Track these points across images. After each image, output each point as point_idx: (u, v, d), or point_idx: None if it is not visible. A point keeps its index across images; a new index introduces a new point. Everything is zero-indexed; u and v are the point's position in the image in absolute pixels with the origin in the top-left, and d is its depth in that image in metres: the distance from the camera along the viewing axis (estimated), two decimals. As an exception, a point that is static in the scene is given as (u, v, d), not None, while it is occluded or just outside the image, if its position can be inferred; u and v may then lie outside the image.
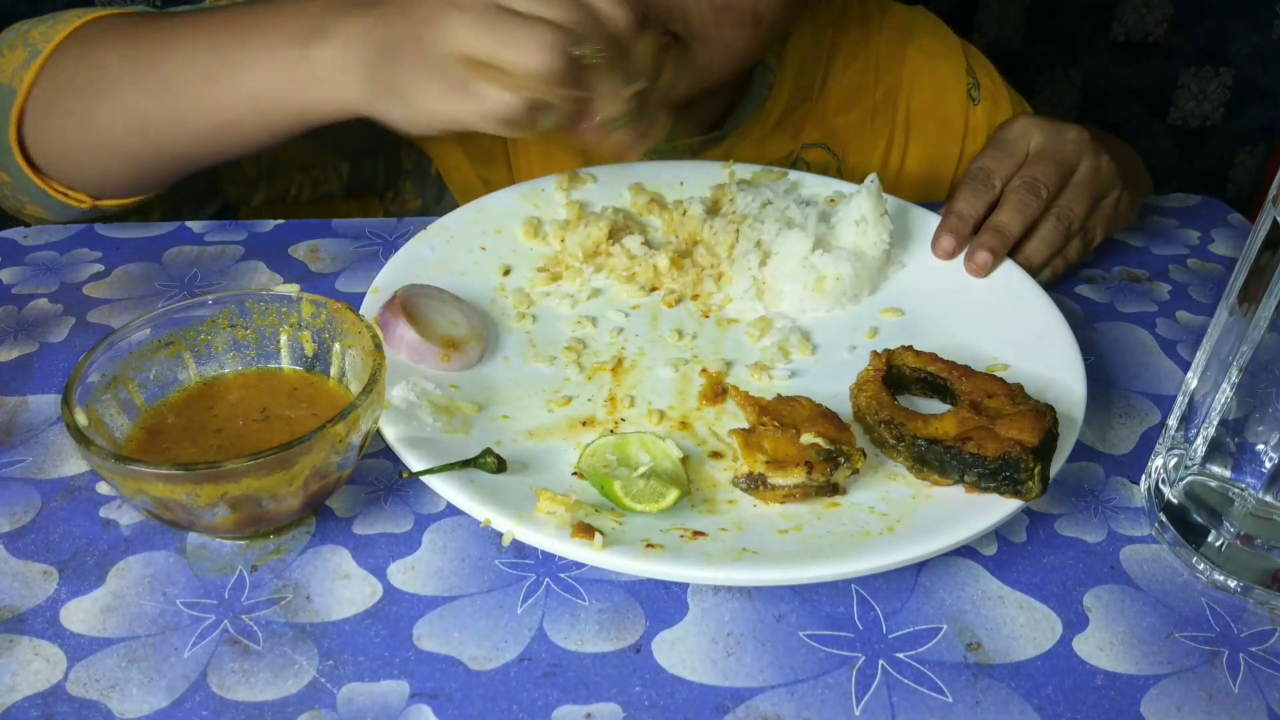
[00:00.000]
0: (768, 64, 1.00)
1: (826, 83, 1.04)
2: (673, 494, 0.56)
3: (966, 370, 0.64)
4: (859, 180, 0.84)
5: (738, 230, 0.80)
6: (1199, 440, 0.58)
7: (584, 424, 0.64)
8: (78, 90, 0.75)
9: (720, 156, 0.98)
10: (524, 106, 0.63)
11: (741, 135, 1.01)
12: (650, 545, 0.53)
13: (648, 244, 0.80)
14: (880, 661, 0.52)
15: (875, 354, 0.65)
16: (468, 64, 0.61)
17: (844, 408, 0.64)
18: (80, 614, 0.53)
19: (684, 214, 0.83)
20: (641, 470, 0.57)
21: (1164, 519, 0.60)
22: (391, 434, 0.59)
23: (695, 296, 0.77)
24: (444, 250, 0.78)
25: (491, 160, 0.98)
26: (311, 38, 0.67)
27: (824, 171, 1.04)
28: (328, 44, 0.67)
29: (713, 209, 0.85)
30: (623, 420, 0.64)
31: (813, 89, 1.03)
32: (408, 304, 0.67)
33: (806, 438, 0.58)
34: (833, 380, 0.68)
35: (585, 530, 0.53)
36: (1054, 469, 0.57)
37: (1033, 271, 0.78)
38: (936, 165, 1.08)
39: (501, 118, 0.63)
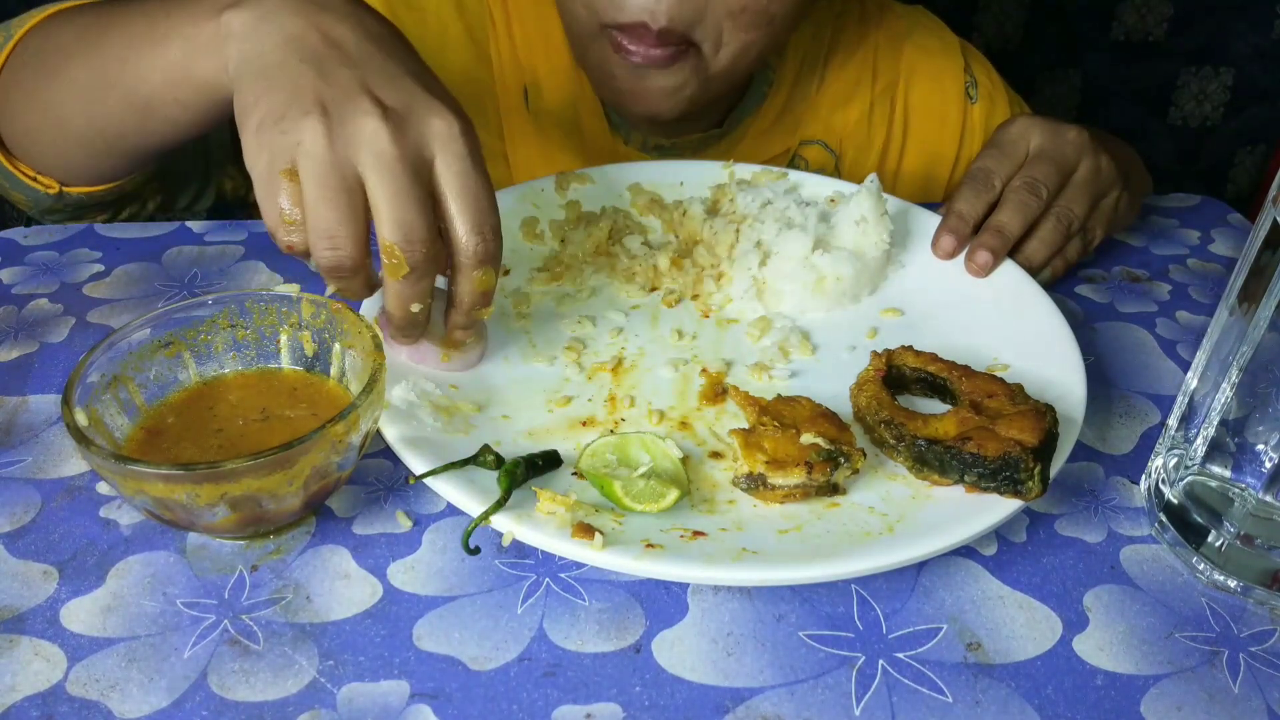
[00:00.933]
0: (768, 62, 1.00)
1: (825, 80, 1.04)
2: (673, 494, 0.56)
3: (966, 370, 0.64)
4: (857, 177, 0.84)
5: (738, 230, 0.80)
6: (1199, 440, 0.58)
7: (584, 424, 0.64)
8: (37, 70, 0.75)
9: (720, 154, 0.98)
10: (298, 245, 0.57)
11: (741, 133, 1.01)
12: (650, 545, 0.53)
13: (647, 244, 0.80)
14: (880, 661, 0.52)
15: (875, 354, 0.65)
16: (288, 173, 0.55)
17: (844, 408, 0.64)
18: (80, 614, 0.53)
19: (684, 214, 0.83)
20: (641, 470, 0.57)
21: (1164, 519, 0.60)
22: (391, 434, 0.59)
23: (695, 296, 0.77)
24: (444, 250, 0.78)
25: (491, 158, 0.98)
26: (233, 4, 0.61)
27: (822, 168, 1.05)
28: (244, 9, 0.60)
29: (713, 209, 0.85)
30: (623, 420, 0.64)
31: (811, 86, 1.03)
32: None
33: (806, 438, 0.58)
34: (833, 380, 0.68)
35: (585, 530, 0.53)
36: (1054, 469, 0.57)
37: (1033, 272, 0.78)
38: (934, 163, 1.09)
39: (277, 234, 0.57)
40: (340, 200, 0.55)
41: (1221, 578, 0.57)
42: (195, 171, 0.92)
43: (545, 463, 0.58)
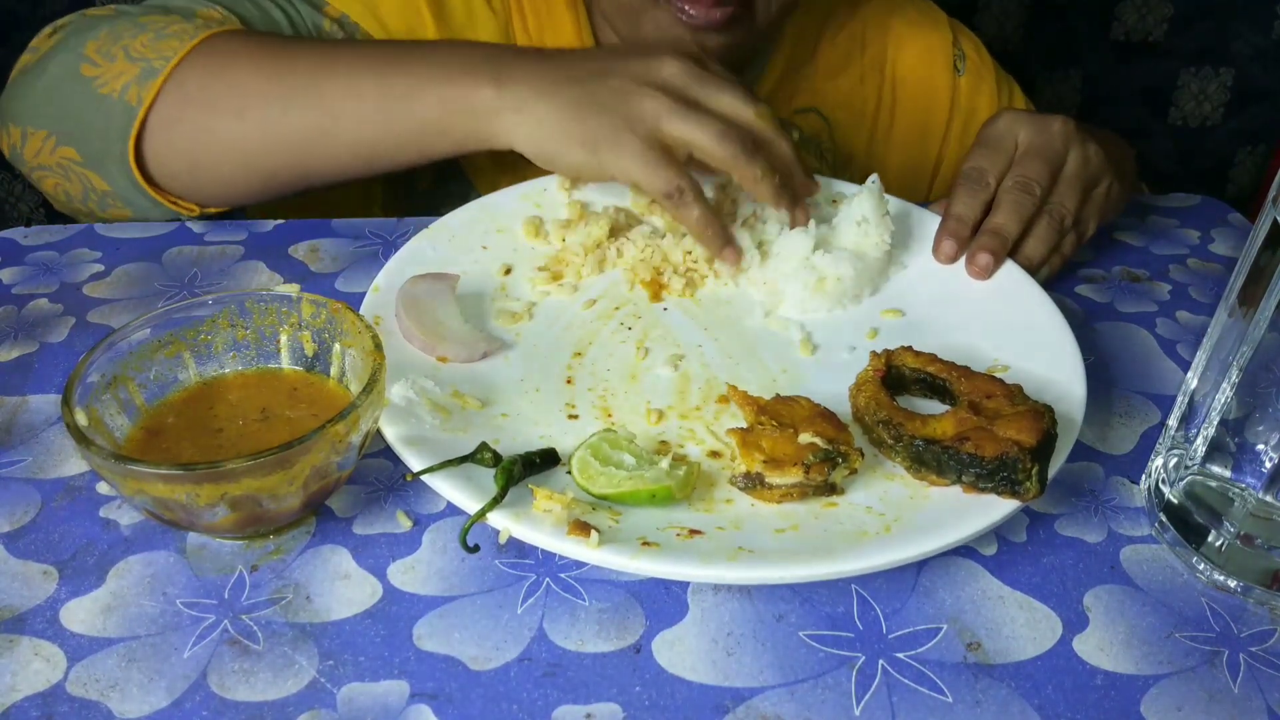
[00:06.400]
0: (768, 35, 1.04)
1: (818, 52, 1.08)
2: (661, 487, 0.56)
3: (966, 371, 0.64)
4: (850, 143, 0.84)
5: (739, 230, 0.80)
6: (1199, 440, 0.58)
7: (582, 422, 0.64)
8: (209, 106, 0.78)
9: None
10: (693, 192, 0.73)
11: None
12: (647, 543, 0.53)
13: (649, 243, 0.80)
14: (880, 661, 0.52)
15: (874, 354, 0.65)
16: (660, 144, 0.72)
17: (843, 408, 0.64)
18: (80, 614, 0.53)
19: (684, 214, 0.83)
20: (631, 468, 0.57)
21: (1164, 519, 0.60)
22: (391, 434, 0.59)
23: (696, 296, 0.77)
24: (446, 249, 0.78)
25: (516, 166, 0.99)
26: (485, 79, 0.74)
27: (816, 133, 1.10)
28: (505, 87, 0.74)
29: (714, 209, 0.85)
30: (621, 420, 0.64)
31: (805, 58, 1.08)
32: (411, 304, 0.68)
33: (804, 437, 0.58)
34: (832, 380, 0.67)
35: (581, 528, 0.53)
36: (1053, 469, 0.57)
37: (1032, 270, 0.78)
38: (924, 132, 1.12)
39: (669, 194, 0.73)
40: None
41: (1221, 578, 0.57)
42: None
43: (543, 461, 0.58)
